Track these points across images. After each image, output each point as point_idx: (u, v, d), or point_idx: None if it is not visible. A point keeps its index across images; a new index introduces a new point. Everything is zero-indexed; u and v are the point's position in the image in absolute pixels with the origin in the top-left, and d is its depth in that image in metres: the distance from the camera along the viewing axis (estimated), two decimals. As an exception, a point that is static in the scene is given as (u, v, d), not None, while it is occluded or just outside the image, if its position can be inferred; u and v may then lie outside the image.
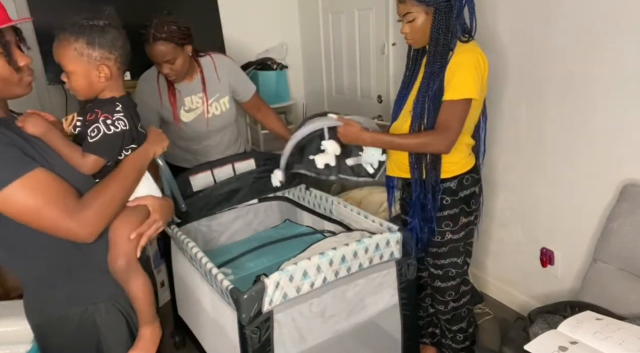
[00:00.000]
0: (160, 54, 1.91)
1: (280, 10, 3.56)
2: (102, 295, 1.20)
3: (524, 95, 2.12)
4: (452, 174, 1.74)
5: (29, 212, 0.99)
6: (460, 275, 1.87)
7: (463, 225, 1.79)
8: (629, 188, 1.73)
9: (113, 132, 1.12)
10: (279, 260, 1.97)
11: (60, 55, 1.10)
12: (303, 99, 3.79)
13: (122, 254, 1.15)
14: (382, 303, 1.72)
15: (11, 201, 0.97)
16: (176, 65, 1.96)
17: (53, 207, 1.01)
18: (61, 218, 1.02)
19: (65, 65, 1.11)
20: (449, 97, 1.60)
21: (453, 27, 1.59)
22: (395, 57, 2.80)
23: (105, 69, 1.12)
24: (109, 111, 1.14)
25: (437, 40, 1.61)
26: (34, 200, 0.98)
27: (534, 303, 2.21)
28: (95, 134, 1.11)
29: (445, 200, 1.76)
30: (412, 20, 1.62)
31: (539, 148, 2.12)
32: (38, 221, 1.01)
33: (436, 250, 1.83)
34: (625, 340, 1.33)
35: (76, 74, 1.11)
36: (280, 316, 1.45)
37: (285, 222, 2.42)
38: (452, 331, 1.96)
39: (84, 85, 1.13)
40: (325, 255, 1.48)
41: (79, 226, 1.04)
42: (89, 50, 1.09)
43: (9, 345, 1.55)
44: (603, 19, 1.76)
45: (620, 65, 1.74)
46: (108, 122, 1.12)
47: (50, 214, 1.01)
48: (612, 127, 1.82)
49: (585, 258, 2.00)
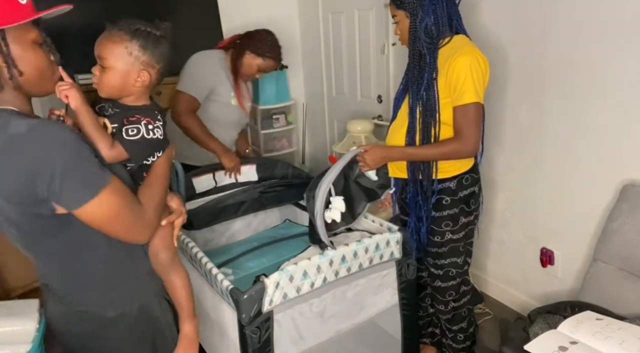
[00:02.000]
0: (270, 69, 2.30)
1: (280, 10, 3.56)
2: (152, 290, 1.22)
3: (524, 95, 2.12)
4: (451, 173, 1.74)
5: (110, 219, 1.01)
6: (461, 275, 1.87)
7: (463, 225, 1.79)
8: (629, 188, 1.73)
9: (151, 137, 1.12)
10: (279, 260, 1.97)
11: (108, 48, 1.09)
12: (303, 99, 3.79)
13: (163, 247, 1.19)
14: (382, 303, 1.72)
15: (97, 212, 0.98)
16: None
17: (129, 212, 1.04)
18: (134, 223, 1.05)
19: (107, 58, 1.09)
20: (458, 103, 1.61)
21: (418, 31, 1.63)
22: (395, 57, 2.80)
23: (145, 75, 1.13)
24: (152, 117, 1.14)
25: (414, 44, 1.66)
26: (116, 207, 1.00)
27: (534, 303, 2.22)
28: (134, 133, 1.10)
29: (444, 200, 1.76)
30: (398, 22, 1.70)
31: (539, 148, 2.12)
32: (114, 226, 1.03)
33: (436, 250, 1.83)
34: (625, 340, 1.33)
35: (114, 71, 1.10)
36: (280, 316, 1.45)
37: (285, 222, 2.43)
38: (453, 331, 1.96)
39: (117, 84, 1.12)
40: (325, 255, 1.48)
41: (145, 229, 1.08)
42: (139, 52, 1.10)
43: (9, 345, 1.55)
44: (603, 18, 1.76)
45: (621, 65, 1.74)
46: (150, 127, 1.12)
47: (127, 219, 1.04)
48: (612, 127, 1.82)
49: (585, 258, 2.00)
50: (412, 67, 1.71)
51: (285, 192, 2.23)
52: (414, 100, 1.71)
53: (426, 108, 1.67)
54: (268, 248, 2.16)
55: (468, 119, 1.61)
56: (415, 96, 1.70)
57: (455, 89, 1.60)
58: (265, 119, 3.48)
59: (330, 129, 3.62)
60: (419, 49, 1.66)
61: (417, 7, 1.61)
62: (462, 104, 1.60)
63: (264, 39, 2.21)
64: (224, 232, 2.25)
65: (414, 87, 1.70)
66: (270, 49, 2.21)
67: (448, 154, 1.67)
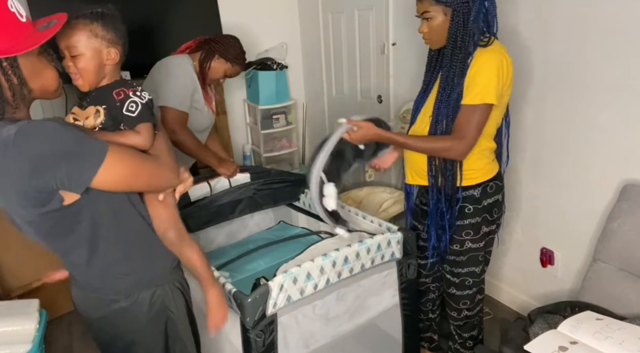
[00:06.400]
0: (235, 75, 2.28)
1: (280, 10, 3.55)
2: (164, 276, 1.26)
3: (524, 95, 2.12)
4: (475, 181, 1.66)
5: (130, 174, 1.07)
6: (477, 284, 1.80)
7: (484, 234, 1.71)
8: (629, 189, 1.73)
9: (147, 99, 1.21)
10: (276, 262, 1.97)
11: (73, 36, 1.14)
12: (303, 99, 3.79)
13: (169, 226, 1.24)
14: (383, 303, 1.72)
15: (114, 173, 1.03)
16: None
17: (143, 162, 1.11)
18: (155, 168, 1.14)
19: (77, 46, 1.14)
20: (468, 101, 1.52)
21: (471, 30, 1.50)
22: (395, 57, 2.80)
23: (113, 52, 1.18)
24: (131, 86, 1.21)
25: (455, 43, 1.53)
26: (129, 163, 1.06)
27: (534, 303, 2.22)
28: (134, 107, 1.18)
29: (467, 208, 1.67)
30: (429, 19, 1.55)
31: (539, 148, 2.12)
32: (139, 179, 1.10)
33: (454, 258, 1.75)
34: (625, 340, 1.33)
35: (86, 55, 1.15)
36: (284, 319, 1.45)
37: (279, 224, 2.42)
38: (463, 338, 1.91)
39: (93, 66, 1.17)
40: (328, 257, 1.48)
41: (168, 171, 1.18)
42: (103, 32, 1.16)
43: (9, 345, 1.55)
44: (604, 19, 1.76)
45: (621, 65, 1.74)
46: (138, 94, 1.20)
47: (145, 168, 1.11)
48: (613, 127, 1.82)
49: (585, 258, 2.01)
50: (446, 68, 1.57)
51: (280, 191, 2.23)
52: (440, 104, 1.58)
53: (456, 113, 1.56)
54: (264, 250, 2.14)
55: (473, 120, 1.52)
56: (445, 98, 1.57)
57: (470, 86, 1.51)
58: (265, 119, 3.48)
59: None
60: (460, 48, 1.53)
61: (466, 4, 1.48)
62: (471, 103, 1.51)
63: (233, 45, 2.17)
64: (218, 234, 2.24)
65: (446, 88, 1.57)
66: (238, 56, 2.20)
67: (439, 150, 1.59)
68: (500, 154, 1.78)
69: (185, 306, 1.33)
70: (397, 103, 2.85)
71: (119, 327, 1.23)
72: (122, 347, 1.26)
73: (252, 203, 2.20)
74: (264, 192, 2.19)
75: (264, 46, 3.49)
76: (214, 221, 2.10)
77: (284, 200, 2.28)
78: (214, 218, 2.10)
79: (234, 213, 2.15)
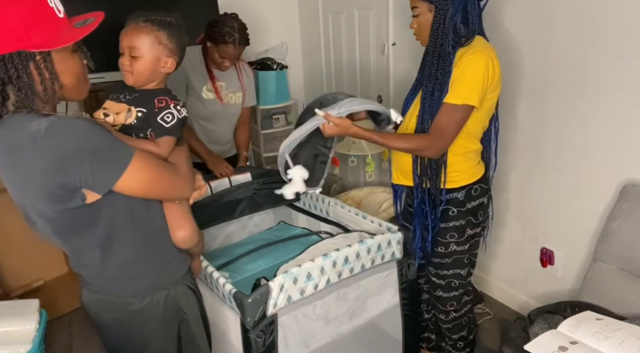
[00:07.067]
0: (236, 56, 2.19)
1: (280, 10, 3.55)
2: (177, 276, 1.27)
3: (523, 95, 2.12)
4: (459, 183, 1.66)
5: (150, 182, 1.09)
6: (464, 286, 1.80)
7: (469, 236, 1.71)
8: (629, 189, 1.73)
9: (183, 116, 1.24)
10: (276, 262, 1.97)
11: (138, 38, 1.18)
12: (303, 99, 3.79)
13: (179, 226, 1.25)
14: (383, 304, 1.72)
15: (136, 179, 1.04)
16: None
17: (163, 171, 1.13)
18: (174, 178, 1.16)
19: (139, 48, 1.18)
20: (450, 100, 1.51)
21: (447, 28, 1.51)
22: (395, 57, 2.80)
23: (171, 61, 1.23)
24: (175, 98, 1.26)
25: (436, 41, 1.54)
26: (150, 171, 1.08)
27: (534, 303, 2.22)
28: (170, 119, 1.21)
29: (451, 211, 1.68)
30: (418, 15, 1.58)
31: (539, 148, 2.12)
32: (156, 187, 1.12)
33: (439, 260, 1.76)
34: (625, 340, 1.33)
35: (146, 59, 1.20)
36: (285, 319, 1.44)
37: (279, 224, 2.42)
38: (453, 339, 1.92)
39: (147, 71, 1.21)
40: (328, 257, 1.47)
41: (185, 182, 1.20)
42: (167, 40, 1.21)
43: (9, 345, 1.55)
44: (603, 19, 1.76)
45: (621, 65, 1.74)
46: (178, 108, 1.24)
47: (164, 178, 1.13)
48: (613, 127, 1.82)
49: (585, 258, 2.01)
50: (428, 66, 1.59)
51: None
52: (425, 103, 1.59)
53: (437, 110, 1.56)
54: (265, 250, 2.14)
55: (453, 119, 1.51)
56: (429, 97, 1.58)
57: (454, 85, 1.51)
58: (265, 119, 3.48)
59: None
60: (440, 47, 1.54)
61: (446, 2, 1.49)
62: (453, 103, 1.50)
63: (217, 25, 2.11)
64: (218, 234, 2.24)
65: (429, 86, 1.58)
66: (222, 34, 2.09)
67: (416, 149, 1.59)
68: (488, 157, 1.79)
69: (199, 307, 1.33)
70: (397, 103, 2.85)
71: (133, 329, 1.22)
72: (134, 351, 1.25)
73: (252, 204, 2.19)
74: (264, 192, 2.18)
75: (264, 46, 3.49)
76: (214, 221, 2.10)
77: (284, 201, 2.27)
78: (215, 219, 2.09)
79: (234, 213, 2.15)
